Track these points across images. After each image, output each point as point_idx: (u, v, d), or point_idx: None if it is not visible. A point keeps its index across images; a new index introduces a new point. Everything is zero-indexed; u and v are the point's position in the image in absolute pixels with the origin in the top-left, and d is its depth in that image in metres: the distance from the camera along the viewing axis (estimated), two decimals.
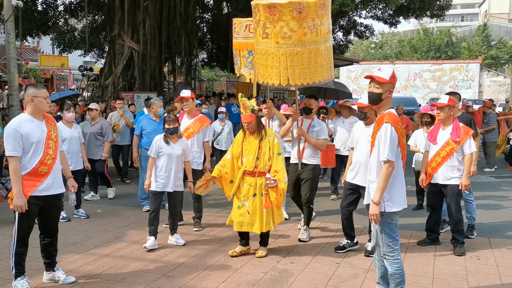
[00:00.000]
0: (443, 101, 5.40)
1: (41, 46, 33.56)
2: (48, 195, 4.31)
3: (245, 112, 5.15)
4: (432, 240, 5.68)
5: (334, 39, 23.33)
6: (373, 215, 3.69)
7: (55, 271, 4.56)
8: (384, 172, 3.67)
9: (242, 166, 5.23)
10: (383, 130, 3.70)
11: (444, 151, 5.38)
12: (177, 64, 18.63)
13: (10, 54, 9.85)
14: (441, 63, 42.82)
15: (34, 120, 4.31)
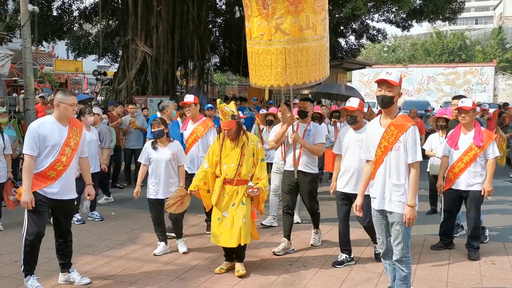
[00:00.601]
0: (468, 104, 5.26)
1: (56, 51, 34.02)
2: (55, 199, 4.36)
3: (224, 118, 4.79)
4: (446, 244, 5.62)
5: (346, 43, 23.32)
6: (411, 218, 3.70)
7: (70, 272, 4.62)
8: (416, 174, 3.72)
9: (221, 174, 4.88)
10: (412, 133, 3.72)
11: (467, 157, 5.26)
12: (189, 68, 18.78)
13: (26, 59, 10.04)
14: (455, 66, 42.46)
15: (57, 124, 4.40)
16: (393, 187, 3.81)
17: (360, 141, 4.73)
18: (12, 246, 5.74)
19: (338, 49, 22.44)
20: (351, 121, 4.89)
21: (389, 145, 3.78)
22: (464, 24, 64.77)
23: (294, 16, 4.85)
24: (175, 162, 5.48)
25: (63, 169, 4.36)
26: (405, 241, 3.79)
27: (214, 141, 5.10)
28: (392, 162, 3.80)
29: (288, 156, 5.62)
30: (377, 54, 57.01)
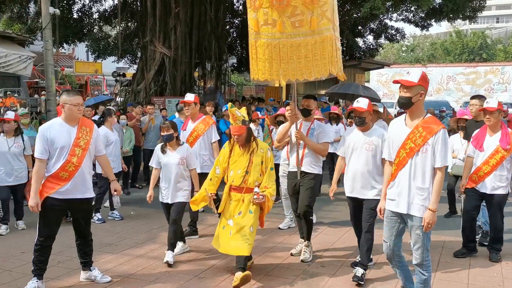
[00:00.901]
0: (493, 105, 5.08)
1: (76, 52, 34.56)
2: (69, 198, 4.38)
3: (235, 123, 4.70)
4: (470, 250, 5.40)
5: (364, 42, 23.17)
6: (430, 222, 3.61)
7: (92, 270, 4.70)
8: (441, 178, 3.63)
9: (228, 180, 4.81)
10: (442, 136, 3.62)
11: (493, 159, 5.11)
12: (207, 69, 18.85)
13: (48, 60, 10.20)
14: (475, 66, 41.82)
15: (65, 125, 4.40)
16: (416, 190, 3.70)
17: (367, 143, 4.66)
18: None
19: (355, 49, 22.31)
20: (359, 122, 4.69)
21: (416, 147, 3.65)
22: (485, 23, 63.73)
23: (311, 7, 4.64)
24: (184, 166, 5.35)
25: (75, 169, 4.36)
26: (425, 245, 3.72)
27: (225, 146, 4.97)
28: (418, 164, 3.68)
29: (291, 156, 5.44)
30: (395, 54, 56.46)
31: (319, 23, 4.75)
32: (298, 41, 4.75)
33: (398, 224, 3.84)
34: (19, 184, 6.64)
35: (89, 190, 4.56)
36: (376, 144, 4.65)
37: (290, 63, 4.80)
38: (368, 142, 4.66)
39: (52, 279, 4.71)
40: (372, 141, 4.67)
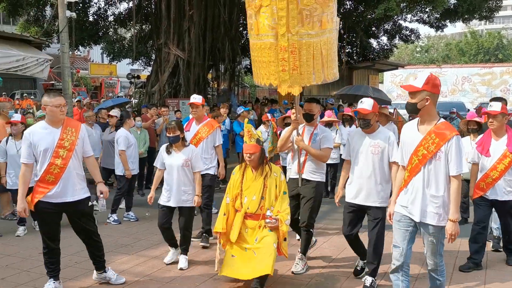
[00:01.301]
0: (496, 108, 4.88)
1: (91, 55, 34.97)
2: (60, 202, 4.31)
3: (249, 141, 4.48)
4: (477, 264, 5.10)
5: (378, 43, 23.06)
6: (453, 234, 3.50)
7: (107, 271, 4.70)
8: (458, 187, 3.51)
9: (242, 207, 4.54)
10: (456, 142, 3.48)
11: (502, 165, 4.90)
12: (220, 71, 18.97)
13: (65, 63, 10.35)
14: (491, 66, 41.29)
15: (49, 127, 4.33)
16: (430, 198, 3.57)
17: (373, 146, 4.44)
18: None
19: (369, 50, 22.21)
20: (364, 124, 4.45)
21: (428, 154, 3.53)
22: (501, 23, 62.96)
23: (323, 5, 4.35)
24: (189, 168, 5.16)
25: (60, 171, 4.27)
26: (439, 250, 3.66)
27: (235, 172, 4.74)
28: (432, 172, 3.57)
29: (293, 163, 5.15)
30: (409, 55, 56.07)
31: (328, 22, 4.50)
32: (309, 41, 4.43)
33: (412, 228, 3.69)
34: (30, 186, 6.53)
35: (81, 192, 4.43)
36: (383, 147, 4.42)
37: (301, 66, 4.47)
38: (374, 145, 4.44)
39: (70, 280, 4.77)
40: (378, 143, 4.44)
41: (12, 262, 5.33)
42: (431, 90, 3.49)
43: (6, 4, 15.37)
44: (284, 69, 4.52)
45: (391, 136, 4.48)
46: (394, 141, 4.45)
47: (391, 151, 4.41)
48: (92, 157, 4.67)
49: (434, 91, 3.51)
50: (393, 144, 4.43)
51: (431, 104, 3.52)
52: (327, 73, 4.64)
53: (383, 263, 4.66)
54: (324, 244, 5.96)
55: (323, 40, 4.50)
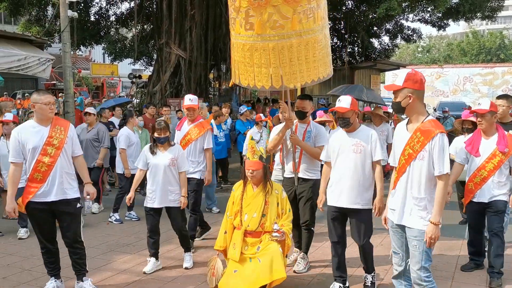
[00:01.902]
0: (484, 106, 4.68)
1: (93, 55, 35.02)
2: (48, 201, 4.23)
3: (252, 157, 4.43)
4: (478, 264, 5.01)
5: (380, 43, 23.03)
6: (434, 237, 3.24)
7: (84, 281, 4.43)
8: (444, 188, 3.26)
9: (242, 225, 4.43)
10: (438, 141, 3.26)
11: (490, 164, 4.67)
12: (222, 70, 18.96)
13: (66, 63, 10.35)
14: (492, 66, 41.24)
15: (37, 126, 4.27)
16: (413, 200, 3.38)
17: (354, 145, 4.23)
18: None
19: (371, 50, 22.19)
20: (343, 124, 4.25)
21: (414, 153, 3.35)
22: (502, 23, 62.90)
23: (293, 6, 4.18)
24: (175, 168, 5.03)
25: (48, 169, 4.21)
26: (422, 261, 3.33)
27: (234, 188, 4.63)
28: (415, 172, 3.37)
29: (287, 162, 5.04)
30: (411, 55, 56.04)
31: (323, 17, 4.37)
32: (281, 43, 4.31)
33: (405, 234, 3.48)
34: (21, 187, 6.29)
35: (70, 191, 4.32)
36: (365, 146, 4.23)
37: (306, 63, 4.40)
38: (356, 144, 4.23)
39: (71, 279, 4.75)
40: (359, 142, 4.23)
41: (13, 261, 5.33)
42: (412, 86, 3.34)
43: (8, 3, 15.39)
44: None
45: (373, 134, 4.29)
46: (376, 139, 4.27)
47: (374, 149, 4.23)
48: (81, 156, 4.54)
49: (416, 87, 3.35)
50: (376, 143, 4.24)
51: (415, 101, 3.35)
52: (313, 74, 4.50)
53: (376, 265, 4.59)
54: (326, 243, 5.94)
55: (305, 41, 4.35)
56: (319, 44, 4.47)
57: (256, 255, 4.32)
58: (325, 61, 4.64)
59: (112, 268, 5.13)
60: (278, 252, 4.23)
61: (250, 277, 4.21)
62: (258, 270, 4.19)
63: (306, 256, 5.04)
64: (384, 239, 5.98)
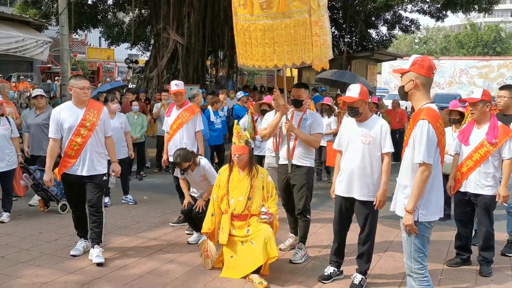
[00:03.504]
0: (476, 95, 4.58)
1: (89, 39, 34.73)
2: (79, 175, 4.78)
3: (238, 142, 4.54)
4: (464, 260, 4.92)
5: (378, 34, 23.01)
6: (407, 225, 3.20)
7: (94, 247, 4.84)
8: (420, 176, 3.16)
9: (229, 208, 4.54)
10: (418, 128, 3.17)
11: (477, 154, 4.58)
12: (219, 57, 18.92)
13: (64, 46, 10.31)
14: (488, 59, 41.37)
15: (73, 107, 4.81)
16: (399, 188, 3.39)
17: (364, 135, 4.15)
18: (51, 225, 6.02)
19: (368, 40, 22.18)
20: (352, 113, 4.18)
21: (406, 140, 3.34)
22: (499, 16, 62.91)
23: None
24: (206, 181, 5.37)
25: (80, 148, 4.74)
26: (411, 253, 3.28)
27: (221, 172, 4.76)
28: (404, 160, 3.36)
29: (282, 149, 5.05)
30: (408, 46, 56.04)
31: (289, 5, 4.34)
32: (268, 23, 4.40)
33: None
34: (10, 170, 6.26)
35: (98, 167, 4.85)
36: (374, 136, 4.13)
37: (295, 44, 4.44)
38: (365, 134, 4.15)
39: (70, 259, 4.84)
40: (368, 133, 4.15)
41: (11, 241, 5.38)
42: (417, 71, 3.24)
43: None
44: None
45: (384, 125, 4.19)
46: (387, 131, 4.17)
47: (384, 141, 4.14)
48: (110, 137, 5.03)
49: (421, 72, 3.24)
50: (386, 134, 4.15)
51: (418, 86, 3.26)
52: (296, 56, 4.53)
53: None
54: (320, 229, 6.04)
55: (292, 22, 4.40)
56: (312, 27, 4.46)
57: (248, 238, 4.42)
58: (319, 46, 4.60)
59: (110, 248, 5.18)
60: (270, 232, 4.34)
61: (246, 260, 4.36)
62: (253, 252, 4.33)
63: (303, 246, 5.02)
64: (379, 226, 6.06)
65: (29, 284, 4.19)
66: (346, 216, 4.40)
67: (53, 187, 6.53)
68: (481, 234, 4.76)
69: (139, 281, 4.35)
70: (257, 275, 4.31)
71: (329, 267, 4.51)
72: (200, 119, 6.19)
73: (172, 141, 6.04)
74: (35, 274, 4.42)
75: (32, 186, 6.60)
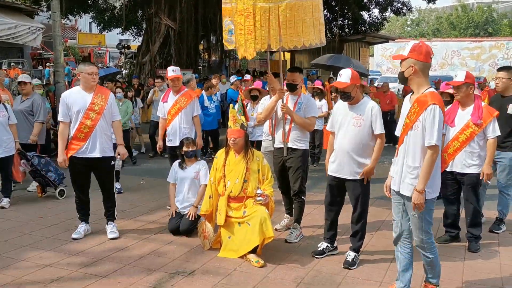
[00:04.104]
0: (460, 78, 4.69)
1: (79, 24, 34.36)
2: (88, 157, 4.95)
3: (234, 125, 4.66)
4: (453, 237, 5.05)
5: (370, 16, 23.02)
6: (418, 204, 3.39)
7: (108, 224, 5.23)
8: (430, 158, 3.36)
9: (226, 190, 4.67)
10: (431, 112, 3.33)
11: (463, 135, 4.72)
12: (212, 42, 18.89)
13: (56, 32, 10.25)
14: (480, 41, 41.50)
15: (82, 92, 4.99)
16: (407, 169, 3.52)
17: (355, 118, 4.27)
18: (50, 210, 6.14)
19: (361, 23, 22.20)
20: (344, 98, 4.30)
21: (410, 123, 3.47)
22: None
23: None
24: (198, 181, 5.37)
25: (89, 131, 4.91)
26: (422, 227, 3.52)
27: (217, 156, 4.85)
28: (411, 142, 3.48)
29: (277, 132, 5.17)
30: (400, 28, 55.97)
31: None
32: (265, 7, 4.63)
33: (403, 201, 3.64)
34: (8, 156, 6.31)
35: (107, 150, 5.05)
36: (365, 118, 4.26)
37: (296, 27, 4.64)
38: (356, 117, 4.27)
39: (70, 242, 4.97)
40: (359, 116, 4.28)
41: (13, 226, 5.49)
42: (416, 57, 3.39)
43: None
44: (240, 33, 4.80)
45: (374, 107, 4.29)
46: (377, 113, 4.28)
47: (374, 123, 4.25)
48: (117, 121, 5.21)
49: (420, 58, 3.39)
50: (376, 116, 4.26)
51: (418, 72, 3.41)
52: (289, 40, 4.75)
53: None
54: (314, 211, 6.19)
55: (283, 6, 4.61)
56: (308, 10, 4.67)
57: (244, 220, 4.57)
58: (314, 29, 4.81)
59: None
60: (265, 213, 4.48)
61: (243, 240, 4.52)
62: (250, 232, 4.48)
63: (298, 226, 5.15)
64: (371, 207, 6.22)
65: (33, 266, 4.32)
66: (337, 195, 4.55)
67: (51, 173, 6.64)
68: (469, 211, 4.89)
69: (140, 261, 4.49)
70: (254, 255, 4.47)
71: (323, 242, 4.70)
72: (197, 104, 6.34)
73: (171, 126, 6.12)
74: (38, 257, 4.55)
75: (30, 172, 6.69)
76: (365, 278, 4.16)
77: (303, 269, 4.35)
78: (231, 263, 4.47)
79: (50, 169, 6.68)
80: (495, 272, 4.33)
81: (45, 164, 6.70)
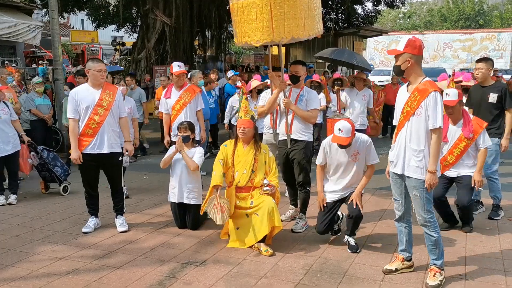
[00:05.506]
0: (453, 97, 4.90)
1: (71, 21, 34.22)
2: (97, 153, 5.03)
3: (245, 116, 4.81)
4: (453, 222, 5.20)
5: (363, 9, 23.14)
6: (432, 184, 3.69)
7: (117, 218, 5.35)
8: (437, 140, 3.65)
9: (234, 181, 4.78)
10: (433, 99, 3.63)
11: (457, 149, 5.04)
12: (207, 37, 18.94)
13: (54, 30, 10.26)
14: (471, 33, 41.81)
15: (90, 89, 5.07)
16: (412, 152, 3.76)
17: (352, 155, 4.59)
18: (58, 206, 6.24)
19: (355, 16, 22.32)
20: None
21: (411, 110, 3.73)
22: None
23: None
24: None
25: (97, 126, 5.00)
26: (424, 206, 3.79)
27: (227, 144, 4.92)
28: (413, 127, 3.75)
29: (280, 125, 5.31)
30: (392, 21, 56.17)
31: None
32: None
33: (404, 183, 3.91)
34: (16, 152, 6.47)
35: (115, 146, 5.14)
36: (361, 157, 4.60)
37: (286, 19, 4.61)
38: (354, 154, 4.59)
39: (79, 235, 5.07)
40: (356, 151, 4.59)
41: (22, 221, 5.59)
42: (411, 51, 3.67)
43: None
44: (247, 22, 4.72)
45: (367, 140, 4.62)
46: (370, 145, 4.62)
47: (368, 156, 4.61)
48: (124, 118, 5.30)
49: (415, 52, 3.68)
50: (370, 148, 4.60)
51: (414, 64, 3.70)
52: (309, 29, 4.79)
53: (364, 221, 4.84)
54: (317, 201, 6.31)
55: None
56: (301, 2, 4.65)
57: (252, 211, 4.67)
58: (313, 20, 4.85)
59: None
60: (273, 203, 4.58)
61: (252, 230, 4.64)
62: (259, 222, 4.60)
63: (304, 216, 5.27)
64: (371, 197, 6.40)
65: (48, 259, 4.42)
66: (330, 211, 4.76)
67: (58, 168, 6.74)
68: (459, 201, 5.00)
69: (151, 252, 4.60)
70: (263, 244, 4.60)
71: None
72: (201, 99, 6.47)
73: (176, 121, 6.18)
74: (51, 250, 4.65)
75: (37, 166, 6.78)
76: (371, 264, 4.30)
77: (311, 257, 4.48)
78: (241, 252, 4.59)
79: (57, 164, 6.83)
80: (497, 255, 4.50)
81: (53, 158, 6.86)
